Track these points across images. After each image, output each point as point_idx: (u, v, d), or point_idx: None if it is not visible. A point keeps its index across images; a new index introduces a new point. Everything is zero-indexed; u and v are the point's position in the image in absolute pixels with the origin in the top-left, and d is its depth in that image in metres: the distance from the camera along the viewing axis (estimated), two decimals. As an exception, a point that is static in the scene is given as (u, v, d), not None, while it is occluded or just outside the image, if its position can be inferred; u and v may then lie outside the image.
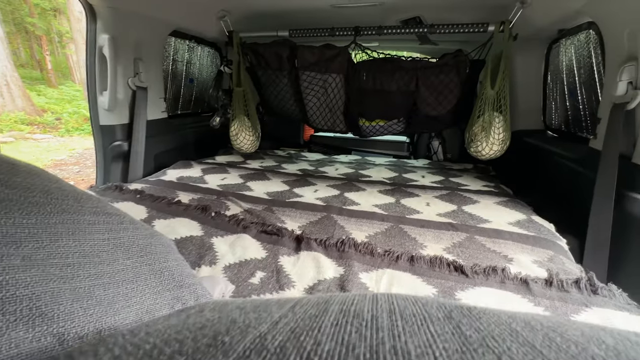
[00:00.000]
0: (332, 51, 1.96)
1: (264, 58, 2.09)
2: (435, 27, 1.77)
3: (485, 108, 1.71)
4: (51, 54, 11.76)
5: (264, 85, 2.25)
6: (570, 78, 1.78)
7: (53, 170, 5.10)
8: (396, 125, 2.15)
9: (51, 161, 5.51)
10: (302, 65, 2.03)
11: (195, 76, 2.49)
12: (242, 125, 2.18)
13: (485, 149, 1.72)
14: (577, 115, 1.76)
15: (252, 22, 2.14)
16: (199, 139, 2.50)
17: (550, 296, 0.90)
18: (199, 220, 1.28)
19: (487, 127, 1.71)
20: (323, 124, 2.31)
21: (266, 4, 1.91)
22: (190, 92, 2.50)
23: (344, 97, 2.10)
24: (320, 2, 1.84)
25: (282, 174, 1.99)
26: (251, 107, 2.23)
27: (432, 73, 1.85)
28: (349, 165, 2.31)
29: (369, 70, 1.96)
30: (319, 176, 1.98)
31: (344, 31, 1.91)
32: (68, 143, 6.58)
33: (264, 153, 2.61)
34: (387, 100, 1.99)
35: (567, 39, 1.72)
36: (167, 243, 0.64)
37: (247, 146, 2.23)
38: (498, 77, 1.68)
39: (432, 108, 1.97)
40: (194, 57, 2.42)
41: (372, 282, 0.97)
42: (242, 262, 1.04)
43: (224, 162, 2.22)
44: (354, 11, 1.96)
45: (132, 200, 1.42)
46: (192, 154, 2.40)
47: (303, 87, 2.12)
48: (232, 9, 2.03)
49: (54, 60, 11.86)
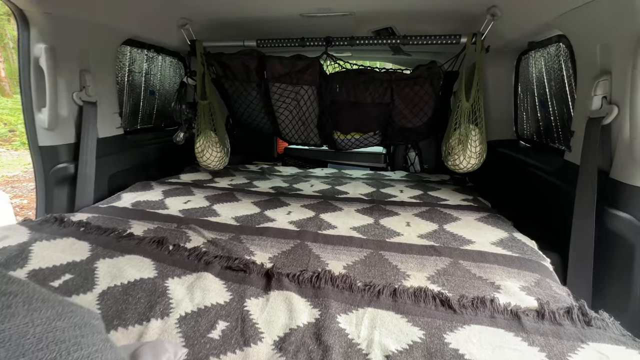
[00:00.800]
0: (303, 62, 1.86)
1: (230, 69, 1.95)
2: (408, 39, 1.72)
3: (461, 120, 1.67)
4: (5, 61, 10.87)
5: (231, 98, 2.10)
6: (541, 90, 1.79)
7: (4, 188, 4.58)
8: (372, 138, 2.08)
9: (2, 178, 4.99)
10: (272, 77, 1.91)
11: (156, 88, 2.30)
12: (209, 140, 2.01)
13: (462, 162, 1.67)
14: (548, 126, 1.77)
15: (217, 31, 2.01)
16: (162, 156, 2.30)
17: (544, 331, 0.83)
18: (153, 257, 1.12)
19: (463, 140, 1.66)
20: (296, 138, 2.20)
21: (230, 11, 1.79)
22: (152, 105, 2.30)
23: (317, 109, 2.00)
24: (288, 10, 1.75)
25: (252, 194, 1.85)
26: (218, 121, 2.07)
27: (406, 85, 1.80)
28: (325, 180, 2.20)
29: (342, 82, 1.87)
30: (293, 194, 1.85)
31: (314, 41, 1.82)
32: (23, 157, 5.99)
33: (235, 169, 2.45)
34: (362, 112, 1.92)
35: (537, 51, 1.73)
36: (85, 321, 0.49)
37: (214, 163, 2.07)
38: (472, 89, 1.65)
39: (408, 120, 1.91)
40: (154, 67, 2.24)
41: (352, 326, 0.85)
42: (202, 309, 0.89)
43: (189, 182, 2.04)
44: (325, 21, 1.88)
45: (74, 235, 1.22)
46: (154, 173, 2.20)
47: (274, 99, 2.00)
48: (193, 16, 1.88)
49: (8, 67, 10.97)
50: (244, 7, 1.74)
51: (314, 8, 1.72)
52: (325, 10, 1.74)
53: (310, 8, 1.72)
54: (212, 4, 1.69)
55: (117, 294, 0.93)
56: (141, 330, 0.82)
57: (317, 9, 1.72)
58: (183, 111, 2.15)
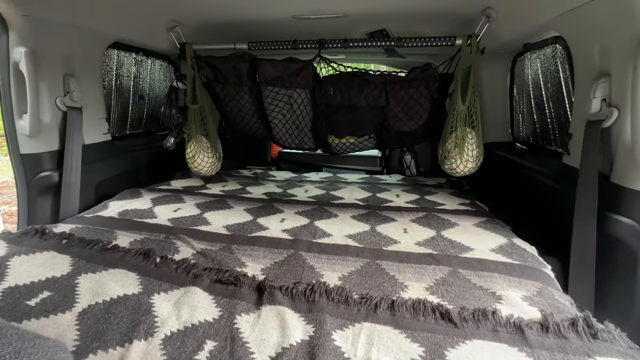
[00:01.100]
0: (296, 65, 1.82)
1: (222, 72, 1.90)
2: (403, 41, 1.69)
3: (457, 124, 1.64)
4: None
5: (223, 102, 2.05)
6: (537, 92, 1.77)
7: (-7, 194, 4.46)
8: (367, 141, 2.04)
9: (-10, 182, 4.86)
10: (264, 80, 1.87)
11: (146, 92, 2.24)
12: (200, 146, 1.96)
13: (459, 166, 1.64)
14: (545, 129, 1.75)
15: (208, 33, 1.96)
16: (153, 162, 2.23)
17: (549, 346, 0.79)
18: (139, 271, 1.06)
19: (460, 144, 1.63)
20: (290, 142, 2.15)
21: (220, 13, 1.74)
22: (141, 110, 2.24)
23: (310, 113, 1.96)
24: (280, 12, 1.71)
25: (245, 200, 1.80)
26: (210, 126, 2.02)
27: (401, 87, 1.76)
28: (320, 185, 2.16)
29: (336, 85, 1.84)
30: (287, 201, 1.80)
31: (307, 44, 1.78)
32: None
33: (228, 174, 2.40)
34: (357, 116, 1.88)
35: (532, 53, 1.71)
36: (49, 358, 0.44)
37: (206, 169, 2.01)
38: (468, 92, 1.62)
39: (403, 123, 1.88)
40: (143, 71, 2.18)
41: (348, 343, 0.81)
42: (189, 328, 0.84)
43: (180, 188, 1.98)
44: (318, 23, 1.85)
45: (55, 249, 1.16)
46: (144, 179, 2.13)
47: (266, 103, 1.96)
48: (183, 19, 1.83)
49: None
50: (235, 9, 1.69)
51: (306, 10, 1.69)
52: (317, 12, 1.70)
53: (303, 10, 1.68)
54: (202, 6, 1.65)
55: (99, 313, 0.88)
56: (122, 353, 0.76)
57: (309, 10, 1.69)
58: (173, 116, 2.09)
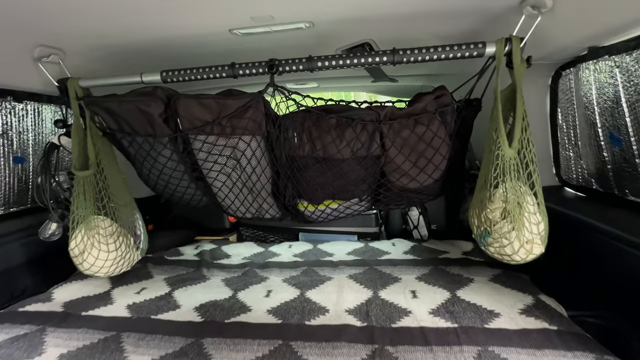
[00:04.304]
0: (238, 101, 1.16)
1: (124, 119, 1.22)
2: (402, 54, 1.06)
3: (504, 179, 0.98)
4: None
5: (136, 161, 1.36)
6: (608, 116, 1.16)
7: None
8: (357, 205, 1.36)
9: None
10: (190, 127, 1.20)
11: (27, 153, 1.53)
12: (93, 234, 1.23)
13: (519, 251, 0.96)
14: (624, 170, 1.13)
15: (105, 62, 1.32)
16: (39, 258, 1.48)
17: None
18: None
19: (514, 212, 0.97)
20: (244, 211, 1.45)
21: (120, 33, 1.13)
22: (20, 179, 1.52)
23: (268, 170, 1.29)
24: (210, 26, 1.14)
25: (162, 330, 1.03)
26: (120, 192, 1.32)
27: (404, 125, 1.12)
28: (292, 268, 1.43)
29: (302, 127, 1.18)
30: (232, 324, 1.05)
31: (251, 68, 1.14)
32: None
33: (159, 260, 1.64)
34: (338, 172, 1.21)
35: (602, 61, 1.11)
36: None
37: (107, 269, 1.27)
38: (515, 127, 0.99)
39: (410, 178, 1.22)
40: (17, 122, 1.48)
41: None
42: None
43: (58, 310, 1.20)
44: (270, 39, 1.24)
45: None
46: (19, 287, 1.37)
47: (199, 159, 1.28)
48: (62, 44, 1.19)
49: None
50: (141, 27, 1.09)
51: (247, 19, 1.08)
52: (266, 21, 1.09)
53: (243, 20, 1.08)
54: (89, 24, 1.03)
55: None
56: None
57: (251, 18, 1.07)
58: (60, 187, 1.37)
